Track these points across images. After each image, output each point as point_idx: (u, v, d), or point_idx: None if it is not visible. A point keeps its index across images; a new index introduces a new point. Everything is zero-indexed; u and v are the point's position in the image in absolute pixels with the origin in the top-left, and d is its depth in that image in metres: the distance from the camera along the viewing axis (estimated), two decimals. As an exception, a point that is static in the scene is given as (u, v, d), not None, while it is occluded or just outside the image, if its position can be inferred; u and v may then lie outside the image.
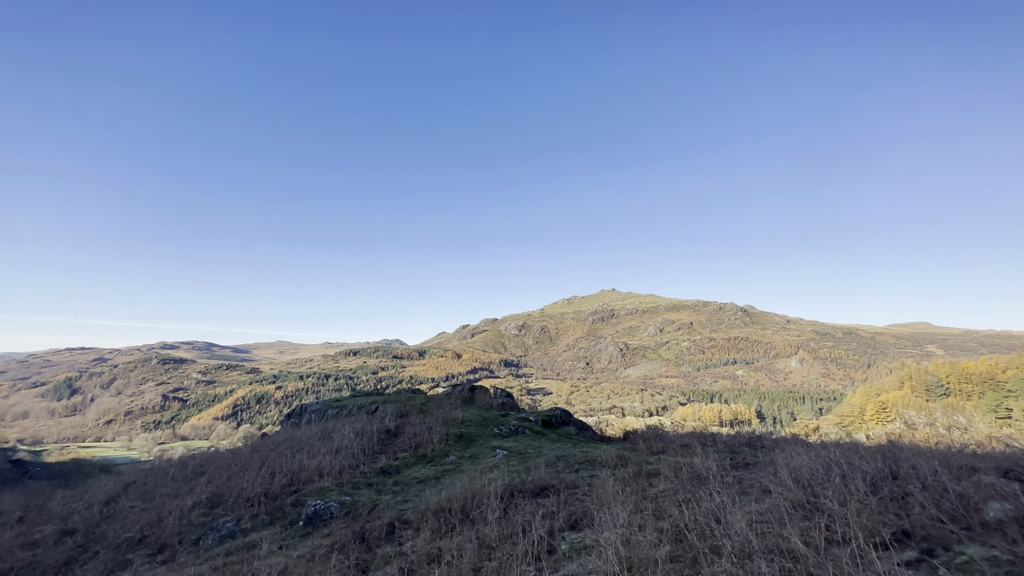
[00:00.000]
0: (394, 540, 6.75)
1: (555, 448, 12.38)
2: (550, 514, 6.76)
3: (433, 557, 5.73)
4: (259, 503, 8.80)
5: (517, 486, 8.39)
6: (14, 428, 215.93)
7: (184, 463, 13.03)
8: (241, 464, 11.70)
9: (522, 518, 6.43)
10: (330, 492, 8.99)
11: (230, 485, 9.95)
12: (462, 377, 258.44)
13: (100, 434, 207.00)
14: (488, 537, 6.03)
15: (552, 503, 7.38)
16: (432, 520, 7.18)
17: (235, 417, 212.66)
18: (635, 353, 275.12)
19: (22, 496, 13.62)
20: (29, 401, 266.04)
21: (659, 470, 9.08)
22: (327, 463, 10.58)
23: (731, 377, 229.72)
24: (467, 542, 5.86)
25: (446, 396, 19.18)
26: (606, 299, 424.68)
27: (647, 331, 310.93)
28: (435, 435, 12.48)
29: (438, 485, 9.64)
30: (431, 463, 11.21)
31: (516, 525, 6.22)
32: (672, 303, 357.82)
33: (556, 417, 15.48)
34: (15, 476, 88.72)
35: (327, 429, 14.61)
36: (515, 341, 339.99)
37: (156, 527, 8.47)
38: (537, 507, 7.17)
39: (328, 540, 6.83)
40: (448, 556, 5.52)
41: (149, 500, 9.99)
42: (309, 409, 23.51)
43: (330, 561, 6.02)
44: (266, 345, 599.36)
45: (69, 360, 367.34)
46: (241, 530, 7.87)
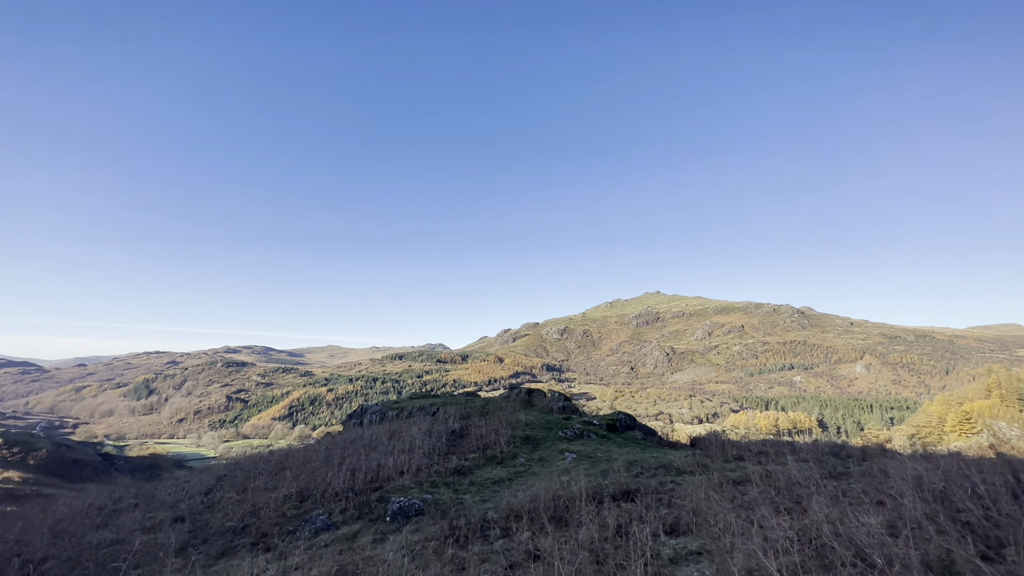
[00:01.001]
0: (486, 538, 6.83)
1: (624, 452, 12.14)
2: (639, 518, 6.61)
3: (533, 556, 5.74)
4: (346, 498, 9.19)
5: (599, 489, 8.28)
6: (101, 424, 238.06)
7: (268, 459, 13.81)
8: (321, 460, 12.28)
9: (616, 520, 6.33)
10: (411, 490, 9.25)
11: (315, 480, 10.45)
12: (504, 381, 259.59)
13: (173, 431, 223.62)
14: (585, 539, 5.97)
15: (639, 507, 7.21)
16: (518, 520, 7.22)
17: (291, 418, 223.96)
18: (682, 357, 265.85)
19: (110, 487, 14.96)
20: (113, 400, 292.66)
21: (746, 477, 8.68)
22: (402, 462, 10.89)
23: (788, 383, 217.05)
24: (565, 543, 5.84)
25: (504, 399, 19.31)
26: (650, 302, 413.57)
27: (694, 335, 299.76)
28: (502, 437, 12.57)
29: (512, 486, 9.69)
30: (500, 464, 11.29)
31: (610, 528, 6.13)
32: (721, 305, 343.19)
33: (620, 421, 15.18)
34: (104, 468, 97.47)
35: (394, 429, 15.05)
36: (557, 345, 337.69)
37: (254, 517, 9.03)
38: (624, 511, 7.03)
39: (419, 536, 7.01)
40: (548, 556, 5.52)
41: (243, 492, 10.66)
42: (370, 410, 24.34)
43: (425, 556, 6.17)
44: (318, 349, 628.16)
45: (146, 363, 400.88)
46: (333, 523, 8.23)
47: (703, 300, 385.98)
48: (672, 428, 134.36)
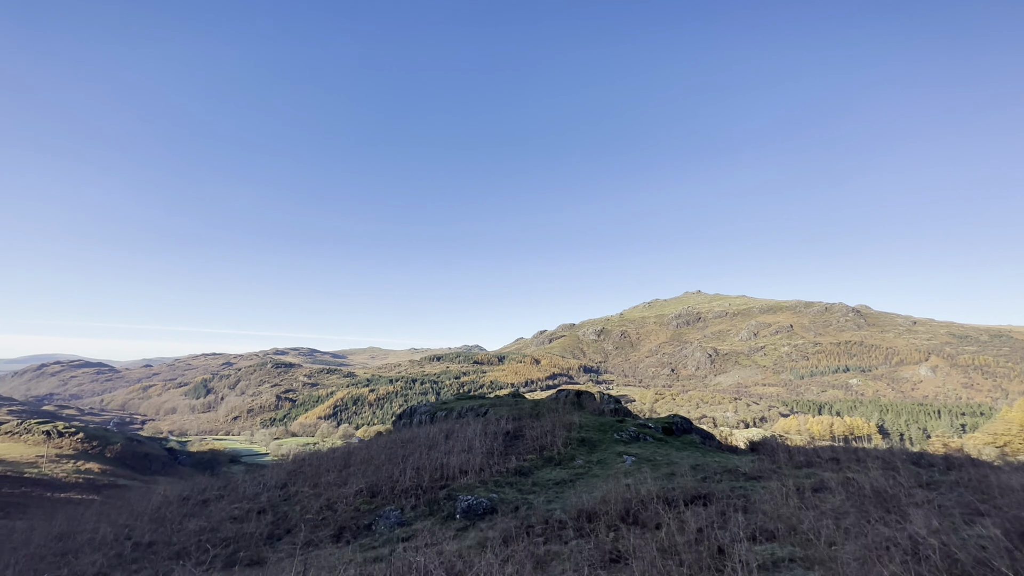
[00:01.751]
0: (559, 538, 6.92)
1: (684, 456, 11.91)
2: (719, 523, 6.49)
3: (613, 557, 5.78)
4: (415, 495, 9.53)
5: (667, 492, 8.20)
6: (166, 421, 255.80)
7: (333, 455, 14.47)
8: (383, 459, 12.76)
9: (695, 524, 6.26)
10: (476, 489, 9.48)
11: (381, 477, 10.88)
12: (541, 383, 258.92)
13: (228, 428, 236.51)
14: (666, 542, 5.94)
15: (714, 512, 7.09)
16: (590, 521, 7.27)
17: (335, 417, 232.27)
18: (726, 359, 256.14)
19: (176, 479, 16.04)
20: (176, 399, 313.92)
21: (823, 484, 8.33)
22: (463, 461, 11.16)
23: (843, 386, 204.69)
24: (645, 545, 5.84)
25: (553, 401, 19.36)
26: (690, 301, 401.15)
27: (739, 335, 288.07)
28: (557, 439, 12.63)
29: (575, 488, 9.74)
30: (559, 466, 11.35)
31: (690, 531, 6.07)
32: (767, 304, 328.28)
33: (676, 424, 14.87)
34: (169, 462, 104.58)
35: (449, 429, 15.40)
36: (594, 346, 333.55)
37: (330, 511, 9.52)
38: (699, 515, 6.93)
39: (493, 534, 7.19)
40: (629, 558, 5.54)
41: (315, 487, 11.25)
42: (418, 410, 24.96)
43: (503, 553, 6.33)
44: (359, 351, 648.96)
45: (204, 364, 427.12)
46: (406, 519, 8.56)
47: (747, 299, 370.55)
48: (730, 432, 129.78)
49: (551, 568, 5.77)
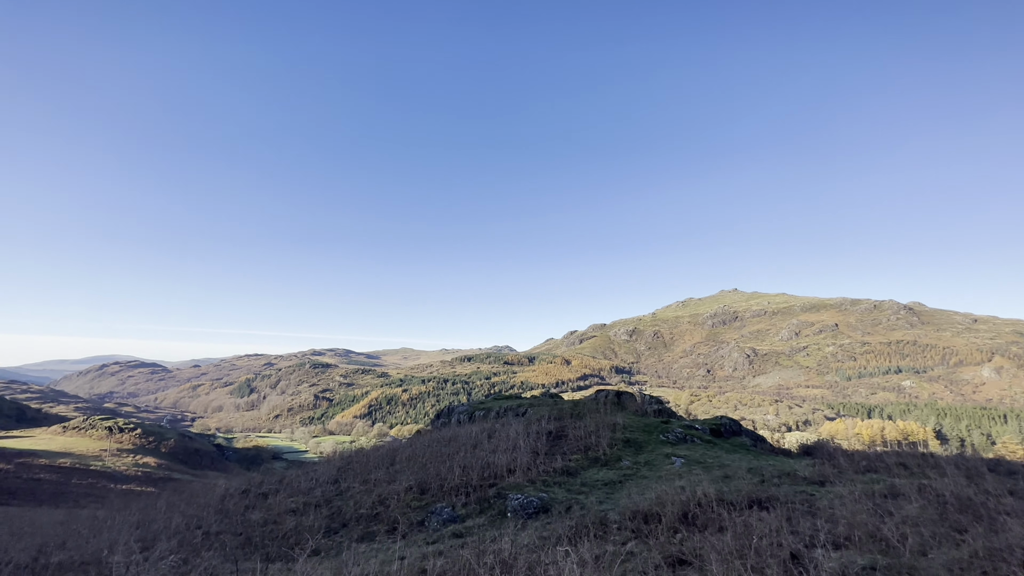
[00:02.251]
0: (617, 539, 6.82)
1: (735, 459, 11.52)
2: (787, 528, 6.22)
3: (679, 559, 5.64)
4: (465, 493, 9.63)
5: (725, 495, 7.94)
6: (213, 419, 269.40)
7: (379, 453, 14.81)
8: (429, 456, 12.95)
9: (760, 528, 6.03)
10: (525, 488, 9.48)
11: (428, 474, 11.05)
12: (572, 383, 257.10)
13: (271, 426, 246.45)
14: (732, 545, 5.74)
15: (777, 516, 6.80)
16: (646, 522, 7.13)
17: (370, 416, 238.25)
18: (765, 360, 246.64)
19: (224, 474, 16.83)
20: (222, 397, 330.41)
21: (895, 490, 7.86)
22: (509, 460, 11.18)
23: (895, 388, 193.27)
24: (709, 548, 5.66)
25: (592, 401, 19.16)
26: (727, 300, 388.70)
27: (779, 335, 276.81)
28: (602, 439, 12.47)
29: (624, 489, 9.58)
30: (605, 467, 11.20)
31: (755, 535, 5.85)
32: (810, 302, 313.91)
33: (724, 426, 14.40)
34: (217, 457, 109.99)
35: (489, 429, 15.47)
36: (626, 347, 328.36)
37: (382, 506, 9.73)
38: (761, 520, 6.67)
39: (549, 532, 7.16)
40: (695, 560, 5.40)
41: (365, 483, 11.53)
42: (456, 410, 25.22)
43: (560, 551, 6.28)
44: (392, 352, 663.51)
45: (247, 364, 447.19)
46: (458, 516, 8.65)
47: (788, 297, 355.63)
48: (781, 436, 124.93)
49: (615, 569, 5.68)
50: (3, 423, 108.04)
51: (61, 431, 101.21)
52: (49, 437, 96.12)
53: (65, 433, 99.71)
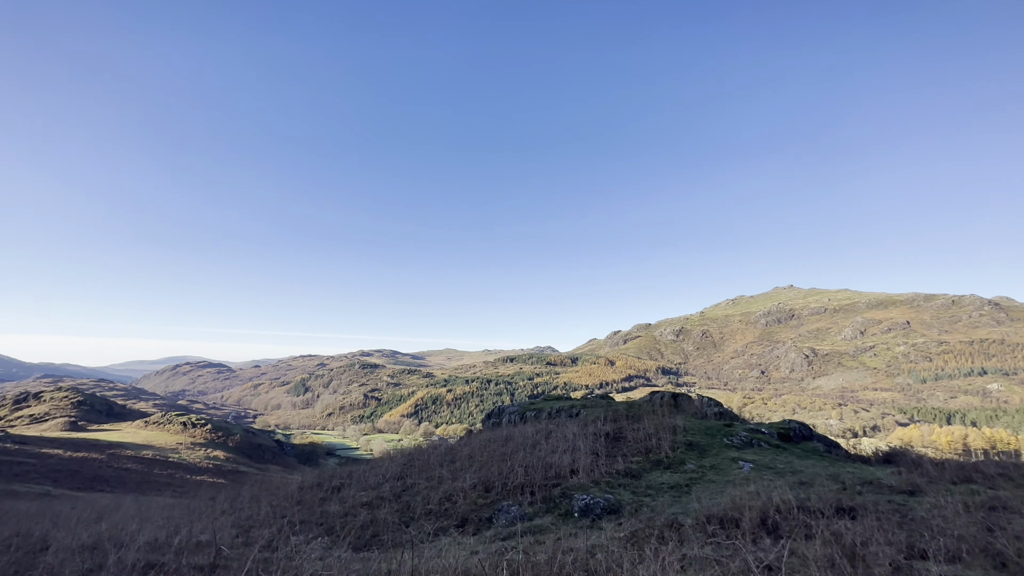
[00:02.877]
0: (693, 543, 6.70)
1: (809, 465, 10.96)
2: (882, 538, 5.87)
3: (766, 566, 5.48)
4: (528, 492, 9.77)
5: (802, 502, 7.60)
6: (272, 416, 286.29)
7: (436, 451, 15.26)
8: (487, 456, 13.21)
9: (851, 538, 5.74)
10: (590, 489, 9.48)
11: (491, 473, 11.28)
12: (616, 384, 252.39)
13: (324, 424, 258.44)
14: (821, 555, 5.50)
15: (866, 526, 6.43)
16: (722, 526, 6.96)
17: (416, 415, 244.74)
18: (826, 360, 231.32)
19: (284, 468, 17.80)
20: (280, 396, 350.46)
21: (1000, 502, 7.21)
22: (570, 461, 11.21)
23: (979, 392, 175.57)
24: (792, 557, 5.47)
25: (648, 403, 18.78)
26: (781, 297, 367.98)
27: (842, 333, 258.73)
28: (663, 442, 12.22)
29: (692, 493, 9.36)
30: (669, 469, 10.99)
31: (846, 544, 5.57)
32: (876, 298, 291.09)
33: (794, 431, 13.69)
34: (278, 452, 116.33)
35: (545, 429, 15.54)
36: (672, 347, 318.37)
37: (449, 502, 10.05)
38: (850, 529, 6.33)
39: (622, 533, 7.14)
40: (781, 567, 5.22)
41: (430, 480, 11.93)
42: (507, 410, 25.47)
43: (643, 552, 6.26)
44: (436, 352, 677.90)
45: (302, 365, 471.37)
46: (525, 514, 8.79)
47: (851, 293, 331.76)
48: (858, 442, 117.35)
49: (690, 573, 5.59)
50: (95, 417, 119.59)
51: (143, 425, 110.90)
52: (133, 431, 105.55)
53: (146, 427, 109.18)
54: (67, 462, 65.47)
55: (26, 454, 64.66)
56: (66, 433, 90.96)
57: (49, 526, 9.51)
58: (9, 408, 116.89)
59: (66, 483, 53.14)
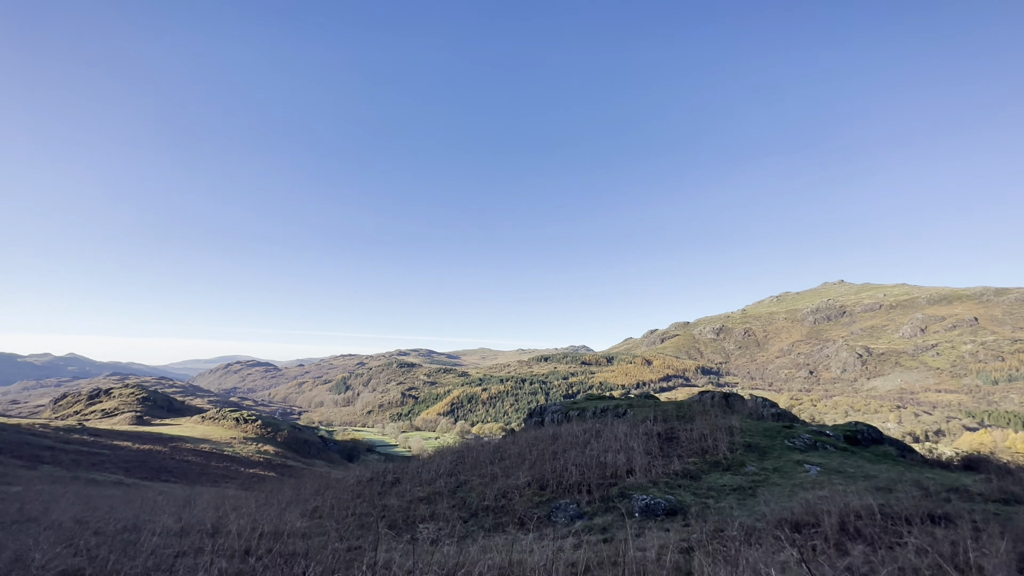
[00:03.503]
0: (768, 548, 6.46)
1: (883, 470, 10.32)
2: (967, 548, 5.45)
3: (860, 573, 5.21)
4: (585, 491, 9.71)
5: (883, 508, 7.16)
6: (316, 413, 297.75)
7: (484, 449, 15.41)
8: (536, 454, 13.22)
9: (947, 547, 5.36)
10: (649, 489, 9.32)
11: (544, 471, 11.28)
12: (654, 384, 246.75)
13: (364, 421, 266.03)
14: (913, 562, 5.18)
15: (960, 535, 5.98)
16: (797, 531, 6.67)
17: (452, 414, 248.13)
18: (882, 360, 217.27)
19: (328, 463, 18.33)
20: (323, 394, 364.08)
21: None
22: (624, 460, 11.05)
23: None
24: (881, 564, 5.16)
25: (697, 403, 18.26)
26: (831, 293, 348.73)
27: (899, 331, 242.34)
28: (720, 443, 11.85)
29: (757, 496, 9.03)
30: (728, 471, 10.64)
31: (946, 553, 5.21)
32: (939, 293, 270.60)
33: (862, 433, 12.91)
34: (322, 448, 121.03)
35: (592, 429, 15.39)
36: (712, 346, 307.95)
37: (504, 499, 10.12)
38: (941, 537, 5.91)
39: (691, 535, 6.97)
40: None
41: (481, 477, 12.06)
42: (549, 409, 25.41)
43: (728, 554, 6.10)
44: (471, 352, 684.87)
45: (343, 364, 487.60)
46: (583, 513, 8.74)
47: (909, 288, 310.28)
48: (934, 447, 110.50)
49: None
50: (158, 413, 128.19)
51: (200, 421, 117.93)
52: (191, 425, 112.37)
53: (203, 422, 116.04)
54: (135, 453, 70.58)
55: (100, 446, 70.19)
56: (133, 427, 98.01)
57: (141, 510, 10.27)
58: (84, 403, 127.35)
59: (136, 473, 57.32)
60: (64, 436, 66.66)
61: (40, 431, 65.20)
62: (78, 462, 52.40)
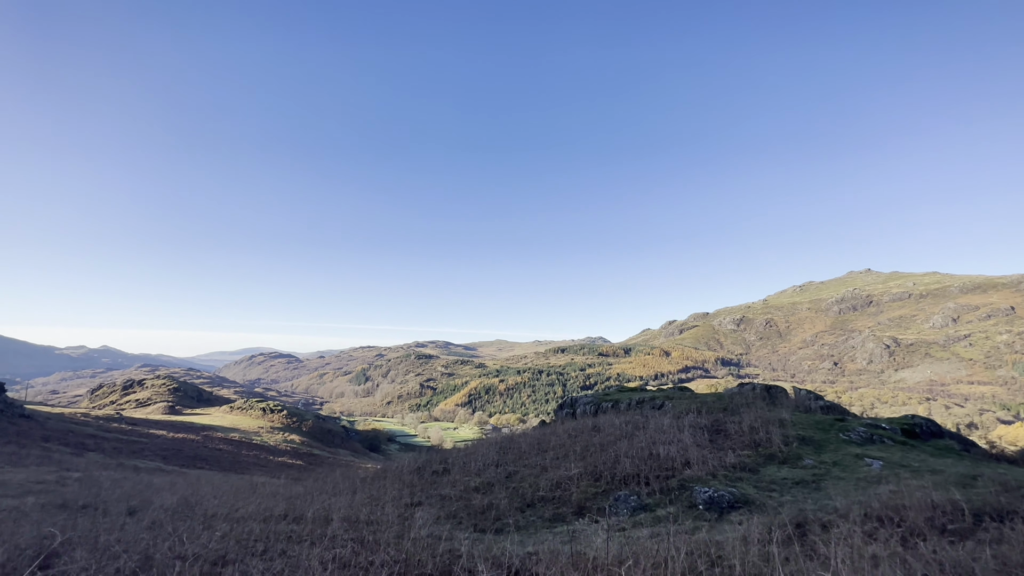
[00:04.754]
0: (853, 541, 6.33)
1: (948, 464, 10.01)
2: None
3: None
4: (643, 482, 9.67)
5: (963, 504, 6.95)
6: (337, 403, 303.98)
7: (525, 440, 15.48)
8: (581, 445, 13.21)
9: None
10: (710, 481, 9.23)
11: (595, 461, 11.27)
12: (672, 376, 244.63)
13: (384, 412, 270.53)
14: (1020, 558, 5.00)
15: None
16: (882, 524, 6.53)
17: (470, 405, 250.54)
18: (911, 351, 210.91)
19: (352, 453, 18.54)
20: (343, 385, 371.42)
21: None
22: (676, 452, 10.96)
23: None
24: (984, 559, 5.00)
25: (738, 395, 18.00)
26: (857, 282, 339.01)
27: (929, 321, 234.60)
28: (773, 435, 11.65)
29: (822, 489, 8.87)
30: (785, 465, 10.46)
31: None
32: (972, 282, 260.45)
33: (920, 427, 12.55)
34: (345, 438, 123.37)
35: (634, 421, 15.31)
36: (732, 337, 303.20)
37: (559, 489, 10.16)
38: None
39: (768, 527, 6.87)
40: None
41: (529, 468, 12.12)
42: (581, 401, 25.39)
43: (817, 547, 6.01)
44: (487, 343, 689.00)
45: (362, 355, 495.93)
46: (645, 504, 8.71)
47: (940, 276, 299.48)
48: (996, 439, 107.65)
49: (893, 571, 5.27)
50: (188, 403, 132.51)
51: (228, 411, 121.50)
52: (220, 415, 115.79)
53: (232, 412, 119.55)
54: (171, 442, 73.24)
55: (138, 434, 73.02)
56: (166, 416, 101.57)
57: (205, 496, 10.62)
58: (119, 393, 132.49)
59: (173, 460, 59.55)
60: (104, 425, 69.47)
61: (82, 420, 68.11)
62: (119, 450, 54.65)
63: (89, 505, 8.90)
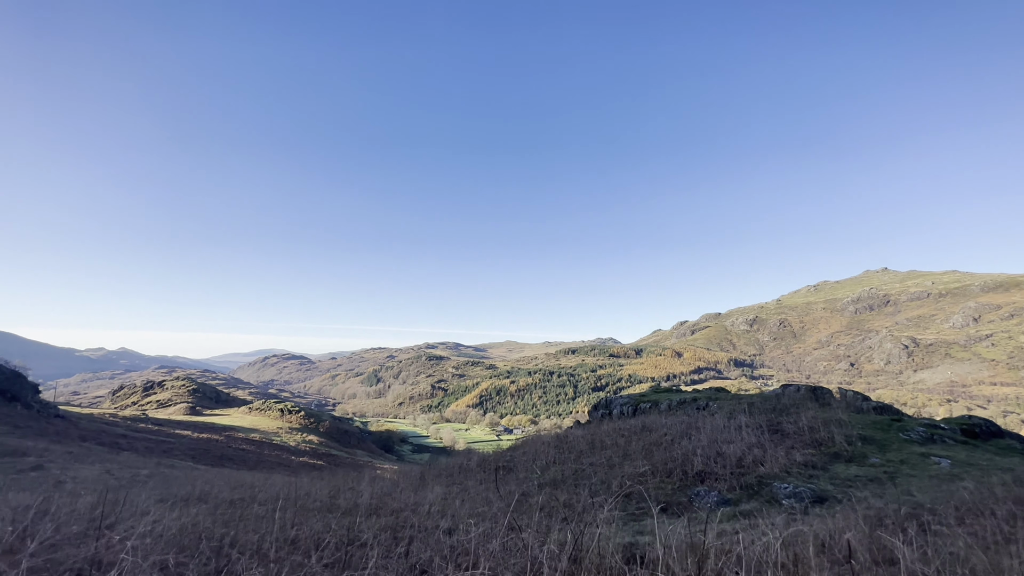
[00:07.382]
0: (943, 534, 6.66)
1: (1016, 463, 10.25)
2: None
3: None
4: (719, 479, 10.04)
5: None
6: (349, 404, 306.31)
7: (576, 439, 15.89)
8: (637, 444, 13.59)
9: None
10: (787, 478, 9.58)
11: (665, 458, 11.65)
12: (685, 377, 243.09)
13: (395, 412, 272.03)
14: None
15: None
16: (976, 517, 6.86)
17: (481, 406, 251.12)
18: (930, 351, 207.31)
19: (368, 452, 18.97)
20: (355, 386, 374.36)
21: None
22: (742, 451, 11.30)
23: None
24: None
25: (785, 396, 18.24)
26: (873, 281, 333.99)
27: (949, 320, 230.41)
28: (835, 435, 11.94)
29: (897, 487, 9.17)
30: (852, 463, 10.76)
31: None
32: (994, 280, 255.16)
33: (980, 427, 12.72)
34: (360, 438, 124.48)
35: (685, 421, 15.63)
36: (745, 337, 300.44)
37: (633, 486, 10.54)
38: None
39: (847, 523, 7.21)
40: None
41: (593, 465, 12.52)
42: (616, 402, 25.73)
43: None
44: (498, 344, 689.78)
45: (373, 357, 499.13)
46: (728, 500, 9.08)
47: (960, 275, 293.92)
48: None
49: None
50: (207, 404, 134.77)
51: (247, 411, 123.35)
52: (240, 416, 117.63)
53: (251, 413, 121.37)
54: (196, 442, 74.80)
55: (165, 434, 74.69)
56: (188, 417, 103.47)
57: (288, 490, 11.17)
58: (140, 394, 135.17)
59: (201, 459, 60.92)
60: (132, 425, 71.15)
61: (111, 420, 69.82)
62: (151, 449, 56.01)
63: (197, 498, 9.49)
